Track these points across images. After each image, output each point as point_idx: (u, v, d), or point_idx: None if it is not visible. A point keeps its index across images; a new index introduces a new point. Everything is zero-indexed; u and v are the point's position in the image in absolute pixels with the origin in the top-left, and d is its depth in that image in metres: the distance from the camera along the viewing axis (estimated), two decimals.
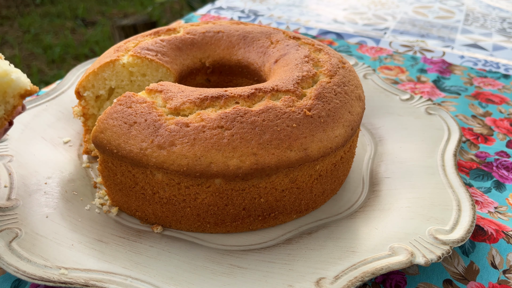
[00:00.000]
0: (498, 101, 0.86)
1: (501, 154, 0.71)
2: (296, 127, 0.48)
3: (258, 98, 0.50)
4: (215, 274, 0.47)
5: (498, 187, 0.64)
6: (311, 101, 0.51)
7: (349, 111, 0.54)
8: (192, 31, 0.67)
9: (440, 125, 0.70)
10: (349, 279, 0.44)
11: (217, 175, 0.47)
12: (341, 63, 0.60)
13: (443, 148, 0.65)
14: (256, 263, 0.48)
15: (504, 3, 1.47)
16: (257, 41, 0.65)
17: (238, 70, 0.66)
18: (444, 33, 1.21)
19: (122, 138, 0.47)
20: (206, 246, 0.51)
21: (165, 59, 0.61)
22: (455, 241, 0.48)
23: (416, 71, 0.97)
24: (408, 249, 0.47)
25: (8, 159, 0.60)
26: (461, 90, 0.90)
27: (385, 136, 0.70)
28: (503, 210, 0.60)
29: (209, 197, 0.49)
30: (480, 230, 0.55)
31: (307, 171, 0.51)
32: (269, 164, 0.47)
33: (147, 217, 0.53)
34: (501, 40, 1.17)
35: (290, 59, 0.59)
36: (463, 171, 0.67)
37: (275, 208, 0.52)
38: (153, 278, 0.46)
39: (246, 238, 0.52)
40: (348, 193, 0.60)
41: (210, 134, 0.46)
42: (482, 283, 0.49)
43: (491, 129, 0.77)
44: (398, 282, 0.49)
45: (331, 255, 0.48)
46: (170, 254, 0.49)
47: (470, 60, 1.04)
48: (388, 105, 0.76)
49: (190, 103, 0.49)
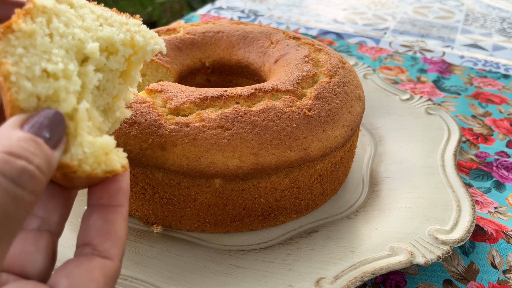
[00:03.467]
0: (498, 101, 0.86)
1: (501, 154, 0.71)
2: (296, 127, 0.48)
3: (258, 98, 0.50)
4: (215, 274, 0.47)
5: (498, 187, 0.64)
6: (311, 101, 0.51)
7: (349, 111, 0.54)
8: (192, 31, 0.67)
9: (440, 125, 0.70)
10: (349, 279, 0.44)
11: (217, 175, 0.47)
12: (341, 63, 0.60)
13: (443, 148, 0.65)
14: (256, 263, 0.48)
15: (504, 3, 1.47)
16: (257, 41, 0.65)
17: (238, 70, 0.66)
18: (444, 33, 1.21)
19: (122, 138, 0.47)
20: (206, 246, 0.51)
21: (165, 59, 0.61)
22: (455, 241, 0.48)
23: (416, 71, 0.97)
24: (408, 249, 0.47)
25: None
26: (461, 90, 0.90)
27: (385, 136, 0.70)
28: (503, 210, 0.60)
29: (209, 197, 0.49)
30: (480, 230, 0.55)
31: (307, 171, 0.51)
32: (269, 164, 0.47)
33: (147, 217, 0.53)
34: (501, 40, 1.17)
35: (290, 59, 0.59)
36: (463, 171, 0.67)
37: (275, 208, 0.52)
38: (153, 278, 0.46)
39: (246, 238, 0.52)
40: (348, 193, 0.60)
41: (210, 134, 0.46)
42: (482, 283, 0.49)
43: (491, 129, 0.77)
44: (398, 282, 0.49)
45: (331, 255, 0.48)
46: (170, 254, 0.49)
47: (470, 60, 1.04)
48: (388, 105, 0.76)
49: (190, 103, 0.49)
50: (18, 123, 0.27)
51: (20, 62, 0.29)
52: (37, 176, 0.25)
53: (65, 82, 0.30)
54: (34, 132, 0.26)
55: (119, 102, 0.39)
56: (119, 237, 0.30)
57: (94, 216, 0.31)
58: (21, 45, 0.29)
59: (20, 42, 0.29)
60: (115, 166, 0.31)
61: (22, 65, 0.29)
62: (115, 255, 0.30)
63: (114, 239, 0.30)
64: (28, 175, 0.24)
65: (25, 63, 0.29)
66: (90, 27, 0.35)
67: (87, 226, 0.31)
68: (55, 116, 0.28)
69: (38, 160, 0.25)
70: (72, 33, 0.33)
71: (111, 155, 0.31)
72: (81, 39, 0.33)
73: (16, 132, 0.26)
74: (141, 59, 0.38)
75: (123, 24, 0.37)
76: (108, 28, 0.36)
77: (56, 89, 0.29)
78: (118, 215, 0.31)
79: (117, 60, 0.36)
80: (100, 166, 0.30)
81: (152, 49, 0.38)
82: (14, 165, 0.24)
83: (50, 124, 0.28)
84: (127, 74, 0.38)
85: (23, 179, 0.24)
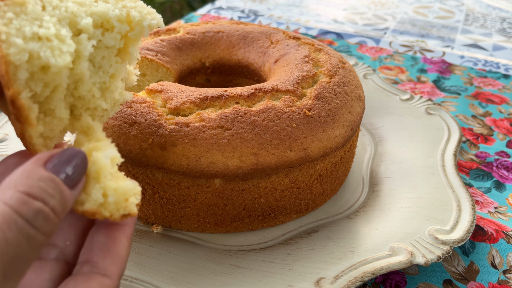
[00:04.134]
0: (498, 101, 0.86)
1: (501, 154, 0.71)
2: (296, 127, 0.48)
3: (258, 98, 0.50)
4: (215, 274, 0.47)
5: (498, 187, 0.64)
6: (311, 101, 0.51)
7: (349, 111, 0.54)
8: (192, 31, 0.67)
9: (440, 125, 0.70)
10: (349, 279, 0.44)
11: (217, 175, 0.47)
12: (341, 63, 0.60)
13: (443, 148, 0.65)
14: (256, 263, 0.48)
15: (504, 3, 1.47)
16: (257, 41, 0.65)
17: (238, 70, 0.66)
18: (444, 33, 1.21)
19: (122, 138, 0.47)
20: (206, 246, 0.51)
21: (165, 59, 0.61)
22: (455, 241, 0.48)
23: (416, 71, 0.97)
24: (408, 249, 0.47)
25: None
26: (461, 90, 0.90)
27: (385, 136, 0.70)
28: (503, 210, 0.60)
29: (209, 197, 0.49)
30: (480, 230, 0.55)
31: (307, 171, 0.51)
32: (269, 164, 0.47)
33: (147, 217, 0.53)
34: (501, 40, 1.17)
35: (290, 59, 0.59)
36: (463, 171, 0.67)
37: (275, 208, 0.52)
38: (153, 278, 0.46)
39: (246, 238, 0.52)
40: (348, 193, 0.60)
41: (210, 134, 0.46)
42: (482, 283, 0.49)
43: (491, 129, 0.77)
44: (398, 282, 0.49)
45: (331, 255, 0.48)
46: (170, 254, 0.49)
47: (470, 60, 1.04)
48: (388, 105, 0.76)
49: (190, 103, 0.49)
50: (42, 160, 0.28)
51: (10, 24, 0.28)
52: (51, 218, 0.26)
53: (58, 42, 0.30)
54: (55, 171, 0.27)
55: (117, 82, 0.38)
56: (120, 256, 0.31)
57: (99, 233, 0.32)
58: (11, 11, 0.29)
59: (10, 9, 0.29)
60: (132, 210, 0.31)
61: (12, 26, 0.28)
62: (114, 273, 0.30)
63: (115, 257, 0.30)
64: (43, 217, 0.25)
65: (15, 25, 0.28)
66: (84, 2, 0.34)
67: (90, 243, 0.31)
68: (79, 155, 0.29)
69: (54, 202, 0.26)
70: (65, 6, 0.32)
71: (131, 199, 0.31)
72: (74, 13, 0.33)
73: (39, 170, 0.27)
74: (138, 35, 0.37)
75: (119, 0, 0.36)
76: (103, 4, 0.35)
77: (49, 47, 0.29)
78: (122, 234, 0.32)
79: (112, 36, 0.35)
80: (119, 212, 0.30)
81: (149, 24, 0.37)
82: (31, 206, 0.25)
83: (72, 162, 0.29)
84: (125, 51, 0.37)
85: (38, 220, 0.25)
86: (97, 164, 0.30)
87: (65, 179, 0.28)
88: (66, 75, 0.30)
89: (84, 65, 0.32)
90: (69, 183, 0.28)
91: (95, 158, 0.30)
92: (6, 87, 0.28)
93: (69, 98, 0.33)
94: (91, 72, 0.35)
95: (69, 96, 0.33)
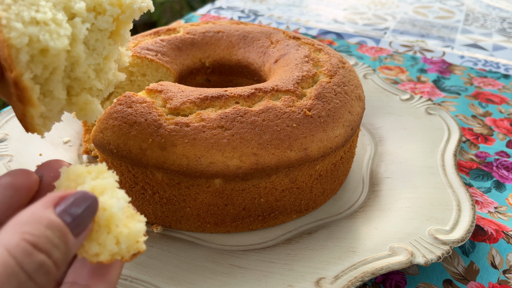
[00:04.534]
0: (498, 101, 0.86)
1: (501, 154, 0.71)
2: (296, 127, 0.48)
3: (258, 98, 0.50)
4: (215, 274, 0.47)
5: (498, 187, 0.64)
6: (311, 101, 0.51)
7: (349, 111, 0.54)
8: (192, 31, 0.67)
9: (440, 125, 0.70)
10: (349, 279, 0.44)
11: (217, 175, 0.47)
12: (341, 63, 0.60)
13: (443, 148, 0.65)
14: (256, 263, 0.48)
15: (504, 3, 1.47)
16: (257, 41, 0.65)
17: (238, 70, 0.66)
18: (444, 33, 1.21)
19: (122, 138, 0.47)
20: (206, 246, 0.51)
21: (165, 59, 0.61)
22: (455, 241, 0.48)
23: (416, 71, 0.97)
24: (408, 249, 0.47)
25: (8, 159, 0.60)
26: (461, 90, 0.90)
27: (385, 136, 0.70)
28: (503, 210, 0.60)
29: (209, 197, 0.49)
30: (480, 230, 0.55)
31: (307, 171, 0.51)
32: (269, 164, 0.47)
33: (147, 217, 0.53)
34: (501, 40, 1.17)
35: (290, 59, 0.59)
36: (463, 171, 0.67)
37: (275, 208, 0.52)
38: (153, 278, 0.46)
39: (246, 238, 0.52)
40: (348, 193, 0.60)
41: (210, 134, 0.46)
42: (482, 283, 0.49)
43: (491, 129, 0.77)
44: (398, 282, 0.49)
45: (331, 255, 0.48)
46: (170, 254, 0.49)
47: (470, 60, 1.04)
48: (388, 105, 0.76)
49: (190, 103, 0.49)
50: (52, 202, 0.27)
51: (9, 10, 0.30)
52: (52, 272, 0.26)
53: (55, 26, 0.31)
54: (63, 214, 0.27)
55: (110, 64, 0.39)
56: (112, 282, 0.31)
57: None
58: None
59: None
60: (142, 248, 0.30)
61: (11, 11, 0.30)
62: None
63: (108, 283, 0.30)
64: (44, 271, 0.25)
65: (14, 10, 0.30)
66: None
67: (82, 264, 0.31)
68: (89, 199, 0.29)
69: (58, 255, 0.26)
70: None
71: (141, 239, 0.31)
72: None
73: (48, 214, 0.26)
74: (129, 17, 0.39)
75: None
76: None
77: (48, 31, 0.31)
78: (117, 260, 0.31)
79: (105, 19, 0.37)
80: (130, 253, 0.30)
81: (140, 7, 0.39)
82: (34, 259, 0.25)
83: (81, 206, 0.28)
84: (117, 34, 0.39)
85: (39, 275, 0.25)
86: (108, 212, 0.29)
87: (72, 224, 0.27)
88: (64, 57, 0.32)
89: (80, 48, 0.34)
90: (76, 229, 0.27)
91: (104, 204, 0.29)
92: (9, 69, 0.29)
93: (66, 80, 0.35)
94: (86, 54, 0.36)
95: (66, 78, 0.35)
